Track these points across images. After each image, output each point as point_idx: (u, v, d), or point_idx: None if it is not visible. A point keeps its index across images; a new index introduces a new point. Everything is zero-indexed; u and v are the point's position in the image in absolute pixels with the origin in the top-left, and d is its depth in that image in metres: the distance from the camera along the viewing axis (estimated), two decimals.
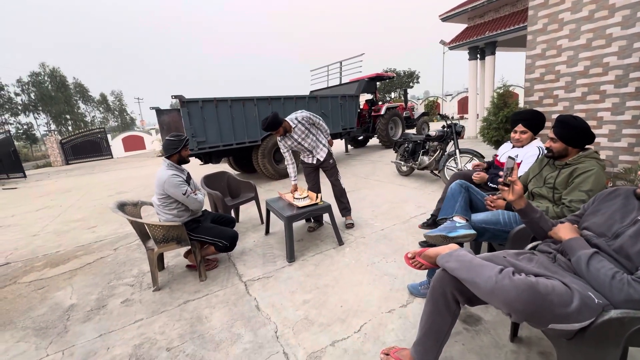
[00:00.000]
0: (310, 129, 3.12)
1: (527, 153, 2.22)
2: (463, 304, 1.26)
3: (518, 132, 2.26)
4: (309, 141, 3.15)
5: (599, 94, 3.44)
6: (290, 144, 3.11)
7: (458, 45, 9.80)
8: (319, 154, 3.23)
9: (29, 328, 2.10)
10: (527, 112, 2.31)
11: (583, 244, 1.12)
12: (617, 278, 0.97)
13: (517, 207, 1.35)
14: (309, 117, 3.10)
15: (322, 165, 3.27)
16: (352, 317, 1.88)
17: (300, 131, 3.07)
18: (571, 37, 3.56)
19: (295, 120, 3.05)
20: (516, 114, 2.35)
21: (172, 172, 2.39)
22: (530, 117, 2.25)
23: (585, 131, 1.65)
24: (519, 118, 2.29)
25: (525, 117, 2.27)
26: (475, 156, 4.27)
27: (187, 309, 2.13)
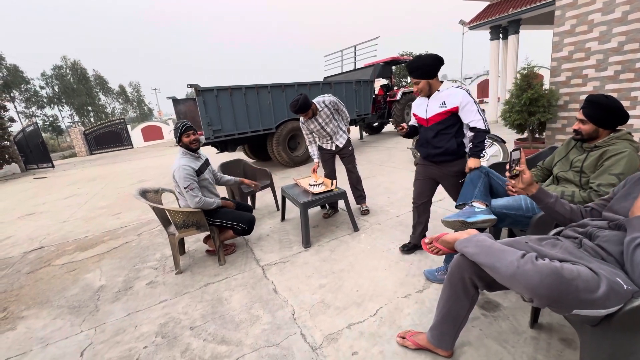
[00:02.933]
0: (334, 115, 3.11)
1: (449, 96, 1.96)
2: (482, 289, 1.25)
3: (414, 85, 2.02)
4: (332, 126, 3.13)
5: (634, 72, 3.21)
6: (313, 127, 3.11)
7: (479, 25, 9.31)
8: (339, 140, 3.20)
9: (64, 307, 2.25)
10: (414, 61, 1.96)
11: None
12: None
13: (529, 194, 1.37)
14: (335, 102, 3.09)
15: (341, 152, 3.24)
16: (368, 301, 1.90)
17: (325, 115, 3.06)
18: (604, 10, 3.31)
19: (322, 104, 3.04)
20: (407, 66, 2.02)
21: (184, 163, 2.40)
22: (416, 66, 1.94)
23: (619, 111, 1.55)
24: (409, 71, 1.99)
25: (412, 68, 1.97)
26: (496, 141, 4.12)
27: (207, 291, 2.22)
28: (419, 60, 1.94)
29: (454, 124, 1.99)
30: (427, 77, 1.96)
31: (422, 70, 1.95)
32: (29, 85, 28.30)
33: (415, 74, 1.97)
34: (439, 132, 2.01)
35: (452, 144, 2.00)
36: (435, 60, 1.93)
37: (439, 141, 2.02)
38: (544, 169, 1.98)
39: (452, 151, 2.01)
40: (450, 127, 2.00)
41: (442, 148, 2.02)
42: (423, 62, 1.93)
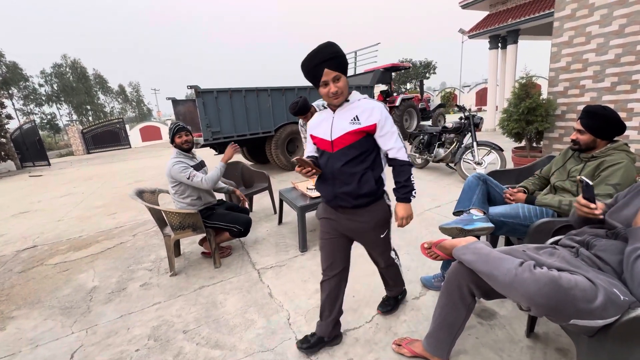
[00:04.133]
0: None
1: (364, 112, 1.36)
2: (479, 297, 1.24)
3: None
4: None
5: (630, 83, 3.25)
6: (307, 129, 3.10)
7: (478, 34, 9.42)
8: None
9: (55, 307, 2.21)
10: (329, 46, 1.28)
11: None
12: None
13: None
14: None
15: None
16: (364, 307, 1.88)
17: None
18: (602, 23, 3.36)
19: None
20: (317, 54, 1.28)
21: (176, 160, 2.45)
22: (334, 52, 1.26)
23: (616, 122, 1.56)
24: (321, 60, 1.27)
25: (327, 55, 1.26)
26: (494, 149, 4.15)
27: (202, 294, 2.19)
28: (335, 47, 1.27)
29: (369, 150, 1.38)
30: (345, 72, 1.31)
31: (342, 60, 1.27)
32: (27, 83, 28.22)
33: (334, 63, 1.25)
34: (350, 160, 1.35)
35: (368, 180, 1.36)
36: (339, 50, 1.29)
37: (350, 176, 1.35)
38: (541, 178, 1.99)
39: (369, 191, 1.37)
40: (366, 155, 1.37)
41: (354, 185, 1.35)
42: (340, 50, 1.28)
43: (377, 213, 1.46)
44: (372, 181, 1.37)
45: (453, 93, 25.45)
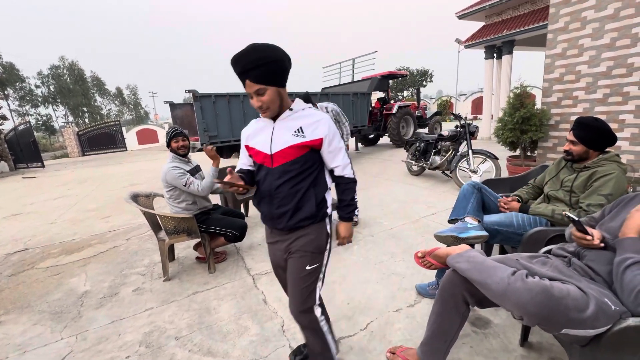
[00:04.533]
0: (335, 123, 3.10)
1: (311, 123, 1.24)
2: (473, 305, 1.24)
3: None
4: None
5: (621, 95, 3.31)
6: None
7: (474, 44, 9.58)
8: None
9: (45, 312, 2.17)
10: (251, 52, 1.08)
11: (636, 248, 1.00)
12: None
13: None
14: (337, 112, 3.11)
15: None
16: (359, 314, 1.88)
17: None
18: (594, 36, 3.43)
19: (325, 109, 3.07)
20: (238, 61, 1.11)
21: (172, 165, 2.44)
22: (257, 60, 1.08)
23: (607, 133, 1.59)
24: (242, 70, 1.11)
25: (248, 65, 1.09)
26: (489, 157, 4.19)
27: (196, 299, 2.17)
28: (260, 52, 1.06)
29: (314, 167, 1.23)
30: (275, 82, 1.13)
31: (268, 69, 1.08)
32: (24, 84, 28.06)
33: (255, 74, 1.08)
34: (291, 178, 1.19)
35: (309, 199, 1.21)
36: (283, 56, 1.11)
37: (290, 195, 1.20)
38: (535, 187, 2.02)
39: (309, 213, 1.22)
40: (309, 172, 1.22)
41: (292, 205, 1.20)
42: (268, 55, 1.07)
43: (312, 238, 1.25)
44: (313, 201, 1.22)
45: (449, 101, 25.74)
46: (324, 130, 1.20)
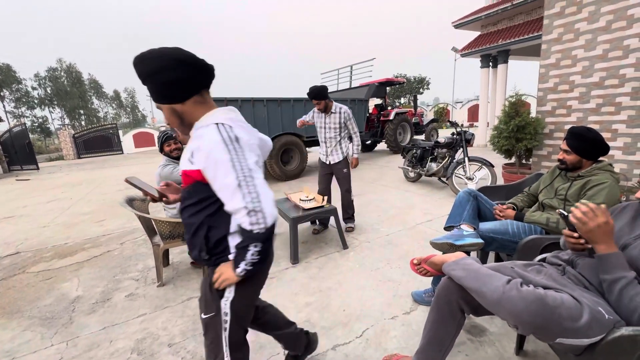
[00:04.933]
0: (341, 125, 3.13)
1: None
2: (468, 313, 1.24)
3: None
4: (332, 134, 3.15)
5: (614, 105, 3.37)
6: (319, 122, 3.19)
7: (470, 53, 9.72)
8: (332, 156, 3.22)
9: (35, 317, 2.13)
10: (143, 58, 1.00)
11: (623, 264, 1.00)
12: None
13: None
14: (349, 115, 3.13)
15: (335, 170, 3.25)
16: (355, 321, 1.86)
17: (334, 119, 3.10)
18: (587, 47, 3.50)
19: (338, 108, 3.11)
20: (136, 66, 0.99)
21: (164, 164, 2.49)
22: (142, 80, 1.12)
23: (600, 143, 1.62)
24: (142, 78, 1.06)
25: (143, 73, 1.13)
26: (485, 164, 4.22)
27: (190, 305, 2.14)
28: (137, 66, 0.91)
29: (208, 201, 1.00)
30: (162, 99, 0.96)
31: (149, 86, 0.94)
32: (20, 85, 27.94)
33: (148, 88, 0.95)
34: (186, 207, 1.04)
35: (199, 238, 1.02)
36: (161, 67, 0.89)
37: (186, 225, 1.06)
38: (530, 195, 2.03)
39: (198, 253, 1.04)
40: (203, 205, 1.01)
41: (188, 238, 1.06)
42: (142, 70, 0.91)
43: (208, 280, 1.06)
44: (204, 242, 1.00)
45: (446, 108, 25.99)
46: (201, 160, 0.92)
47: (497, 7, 8.53)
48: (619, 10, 3.21)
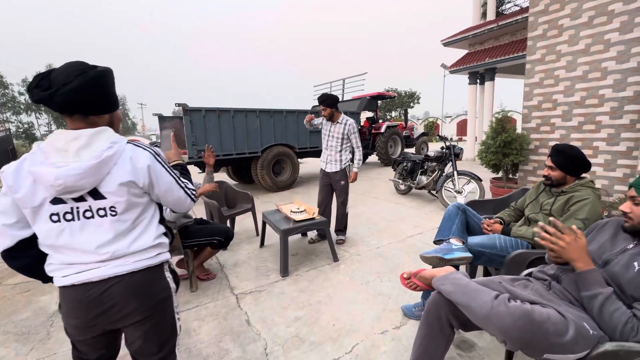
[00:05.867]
0: (344, 137, 3.17)
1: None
2: (457, 328, 1.24)
3: None
4: (334, 144, 3.19)
5: (594, 124, 3.52)
6: (324, 130, 3.26)
7: (458, 70, 10.05)
8: (330, 165, 3.24)
9: (10, 332, 2.03)
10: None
11: (600, 280, 1.04)
12: (629, 325, 0.95)
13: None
14: (354, 127, 3.18)
15: (334, 181, 3.26)
16: (344, 336, 1.84)
17: (339, 129, 3.15)
18: (568, 68, 3.67)
19: (345, 119, 3.17)
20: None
21: None
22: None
23: (583, 160, 1.68)
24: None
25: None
26: (473, 178, 4.31)
27: None
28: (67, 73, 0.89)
29: None
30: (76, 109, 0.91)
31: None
32: (6, 90, 27.37)
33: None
34: None
35: None
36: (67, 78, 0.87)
37: None
38: (516, 210, 2.08)
39: None
40: None
41: None
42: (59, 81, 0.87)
43: None
44: None
45: (436, 122, 26.59)
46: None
47: (484, 27, 8.90)
48: (596, 34, 3.39)
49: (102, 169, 0.89)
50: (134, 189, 0.95)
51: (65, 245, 0.91)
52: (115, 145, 0.92)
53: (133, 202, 0.96)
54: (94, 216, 0.92)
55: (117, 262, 0.94)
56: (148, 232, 1.00)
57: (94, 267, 0.92)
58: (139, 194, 0.98)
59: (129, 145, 0.96)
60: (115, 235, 0.93)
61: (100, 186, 0.91)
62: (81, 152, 0.88)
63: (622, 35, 3.21)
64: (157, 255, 1.02)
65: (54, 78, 0.87)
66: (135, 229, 0.98)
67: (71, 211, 0.91)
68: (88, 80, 0.88)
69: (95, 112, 0.94)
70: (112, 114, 1.01)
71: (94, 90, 0.90)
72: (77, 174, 0.85)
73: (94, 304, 0.93)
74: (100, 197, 0.91)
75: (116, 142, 0.93)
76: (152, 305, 1.01)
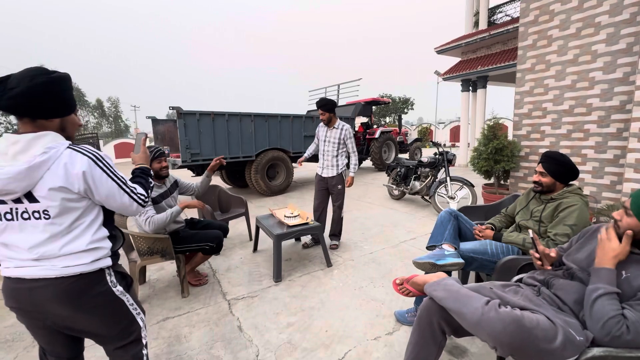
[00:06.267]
0: (340, 142, 3.20)
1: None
2: (449, 334, 1.25)
3: None
4: (330, 149, 3.22)
5: (583, 132, 3.60)
6: (320, 134, 3.30)
7: (451, 77, 10.22)
8: (326, 170, 3.26)
9: None
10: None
11: (612, 280, 1.04)
12: (615, 319, 0.96)
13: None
14: (350, 133, 3.22)
15: (330, 185, 3.28)
16: (337, 343, 1.83)
17: (335, 134, 3.19)
18: (557, 77, 3.76)
19: (341, 124, 3.22)
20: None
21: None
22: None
23: (572, 167, 1.72)
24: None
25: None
26: (465, 184, 4.36)
27: (165, 326, 2.04)
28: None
29: None
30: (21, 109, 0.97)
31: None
32: None
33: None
34: None
35: None
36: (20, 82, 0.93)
37: None
38: (507, 216, 2.11)
39: None
40: None
41: None
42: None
43: None
44: None
45: (429, 128, 26.88)
46: None
47: (476, 36, 9.08)
48: (584, 46, 3.49)
49: (33, 174, 0.91)
50: (68, 194, 0.97)
51: (7, 241, 0.97)
52: (51, 150, 0.94)
53: (67, 206, 0.98)
54: (30, 218, 0.96)
55: (47, 265, 0.97)
56: (83, 236, 1.02)
57: (26, 264, 0.97)
58: (76, 199, 0.99)
59: (67, 151, 0.97)
60: (49, 236, 0.97)
61: (34, 190, 0.94)
62: (18, 157, 0.92)
63: (608, 46, 3.31)
64: (94, 262, 1.03)
65: (9, 82, 0.92)
66: (71, 232, 1.00)
67: (10, 212, 0.95)
68: (34, 86, 0.92)
69: (43, 116, 0.97)
70: (64, 119, 1.03)
71: (41, 96, 0.94)
72: (6, 177, 0.89)
73: (24, 297, 0.99)
74: (34, 201, 0.95)
75: (52, 147, 0.94)
76: (90, 306, 1.04)
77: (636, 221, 1.05)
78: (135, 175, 1.24)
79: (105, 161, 1.04)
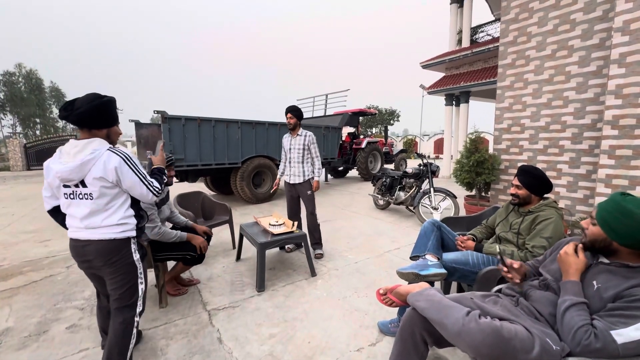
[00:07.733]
0: (304, 149, 3.29)
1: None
2: (431, 345, 1.26)
3: None
4: (295, 156, 3.30)
5: (558, 147, 3.77)
6: (285, 142, 3.39)
7: (435, 91, 10.54)
8: (293, 177, 3.32)
9: None
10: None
11: (578, 291, 1.09)
12: (584, 328, 0.99)
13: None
14: (313, 140, 3.33)
15: (300, 191, 3.31)
16: (320, 354, 1.80)
17: (299, 141, 3.28)
18: (534, 95, 3.95)
19: (304, 132, 3.32)
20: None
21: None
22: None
23: (545, 181, 1.80)
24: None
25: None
26: (448, 196, 4.46)
27: (145, 337, 1.95)
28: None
29: None
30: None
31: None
32: None
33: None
34: None
35: None
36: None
37: None
38: (487, 227, 2.16)
39: None
40: None
41: None
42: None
43: None
44: None
45: (414, 140, 27.47)
46: None
47: (459, 53, 9.45)
48: (559, 66, 3.69)
49: (84, 168, 1.36)
50: (105, 183, 1.40)
51: (70, 213, 1.46)
52: (96, 152, 1.37)
53: (104, 192, 1.41)
54: (83, 198, 1.41)
55: (92, 231, 1.43)
56: (116, 213, 1.46)
57: (80, 230, 1.44)
58: (110, 187, 1.42)
59: (107, 152, 1.40)
60: (91, 211, 1.41)
61: (85, 179, 1.38)
62: (77, 156, 1.37)
63: (580, 68, 3.52)
64: (123, 232, 1.47)
65: (75, 104, 1.40)
66: (108, 210, 1.44)
67: (72, 193, 1.42)
68: (92, 107, 1.39)
69: (96, 127, 1.44)
70: (110, 129, 1.50)
71: (96, 114, 1.41)
72: (68, 170, 1.35)
73: (79, 253, 1.48)
74: (84, 186, 1.40)
75: (97, 149, 1.38)
76: (116, 263, 1.47)
77: (600, 230, 1.10)
78: (153, 173, 1.65)
79: (132, 160, 1.46)
